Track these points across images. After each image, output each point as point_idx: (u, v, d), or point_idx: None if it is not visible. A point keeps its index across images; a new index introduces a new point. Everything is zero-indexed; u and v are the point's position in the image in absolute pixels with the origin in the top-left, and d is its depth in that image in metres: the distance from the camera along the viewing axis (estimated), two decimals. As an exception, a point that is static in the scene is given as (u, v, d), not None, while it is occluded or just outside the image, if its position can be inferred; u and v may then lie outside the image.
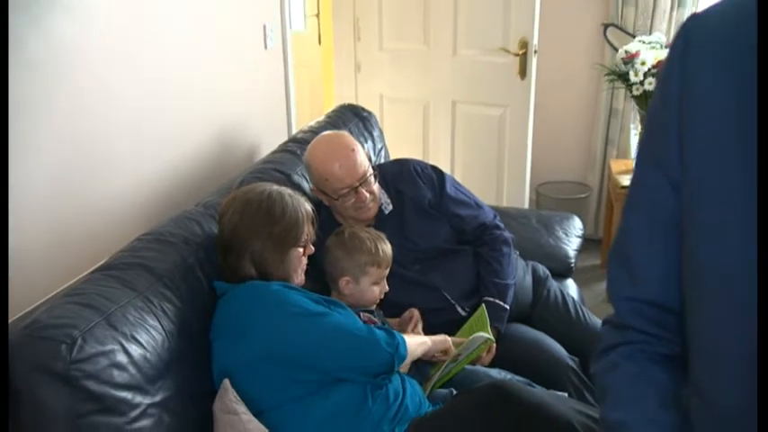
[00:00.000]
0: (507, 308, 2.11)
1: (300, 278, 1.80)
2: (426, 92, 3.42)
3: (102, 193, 1.95)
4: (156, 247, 1.73)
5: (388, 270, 1.96)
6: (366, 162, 2.10)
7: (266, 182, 1.95)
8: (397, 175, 2.25)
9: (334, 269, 1.94)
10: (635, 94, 3.08)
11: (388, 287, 1.96)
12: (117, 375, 1.44)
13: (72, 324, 1.41)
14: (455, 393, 1.86)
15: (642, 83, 3.01)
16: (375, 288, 1.93)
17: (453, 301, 2.11)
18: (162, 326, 1.58)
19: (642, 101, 3.07)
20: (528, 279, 2.33)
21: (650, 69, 2.98)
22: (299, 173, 2.27)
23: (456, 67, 3.30)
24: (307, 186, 2.22)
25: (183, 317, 1.64)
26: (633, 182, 0.87)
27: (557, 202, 3.63)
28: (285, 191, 1.82)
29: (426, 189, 2.24)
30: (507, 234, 2.25)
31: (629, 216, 0.88)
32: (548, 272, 2.40)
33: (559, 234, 2.67)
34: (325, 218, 2.09)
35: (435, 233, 2.19)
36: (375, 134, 2.73)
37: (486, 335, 1.92)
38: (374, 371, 1.66)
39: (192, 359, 1.64)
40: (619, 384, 0.87)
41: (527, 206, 3.41)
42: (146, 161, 2.11)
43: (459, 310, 2.10)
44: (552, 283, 2.35)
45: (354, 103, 2.90)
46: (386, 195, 2.19)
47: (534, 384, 1.86)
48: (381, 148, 2.76)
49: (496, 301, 2.10)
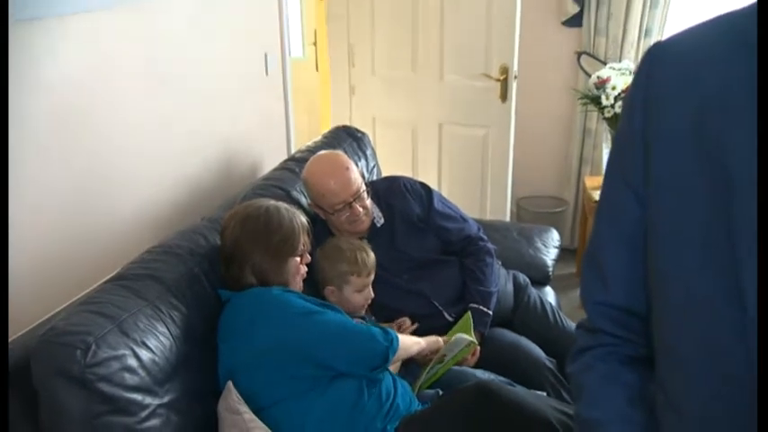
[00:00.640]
0: (490, 313, 2.11)
1: (299, 286, 1.81)
2: (415, 114, 3.43)
3: (115, 210, 1.95)
4: (165, 258, 1.73)
5: (372, 278, 1.95)
6: (359, 179, 2.10)
7: (266, 198, 1.96)
8: (389, 191, 2.26)
9: (320, 279, 1.94)
10: (606, 116, 3.10)
11: (373, 294, 1.96)
12: (128, 378, 1.43)
13: (87, 331, 1.41)
14: (442, 393, 1.86)
15: (613, 106, 3.02)
16: (358, 296, 1.93)
17: (441, 308, 2.11)
18: (170, 332, 1.58)
19: (613, 122, 3.08)
20: (509, 286, 2.33)
21: (620, 93, 2.99)
22: (297, 189, 2.27)
23: (442, 92, 3.32)
24: (305, 202, 2.22)
25: (190, 323, 1.64)
26: (602, 195, 0.88)
27: (536, 215, 3.64)
28: (281, 205, 1.82)
29: (415, 204, 2.24)
30: (490, 245, 2.26)
31: (598, 227, 0.88)
32: (527, 280, 2.40)
33: (538, 245, 2.67)
34: (322, 231, 2.09)
35: (424, 245, 2.20)
36: (368, 153, 2.74)
37: (471, 338, 1.92)
38: (370, 363, 1.66)
39: (198, 362, 1.64)
40: (592, 384, 0.87)
41: (508, 219, 3.42)
42: (155, 179, 2.11)
43: (446, 315, 2.10)
44: (532, 291, 2.35)
45: (349, 124, 2.90)
46: (378, 210, 2.19)
47: (515, 384, 1.87)
48: (374, 166, 2.76)
49: (480, 307, 2.10)
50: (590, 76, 3.19)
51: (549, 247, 2.69)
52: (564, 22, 3.46)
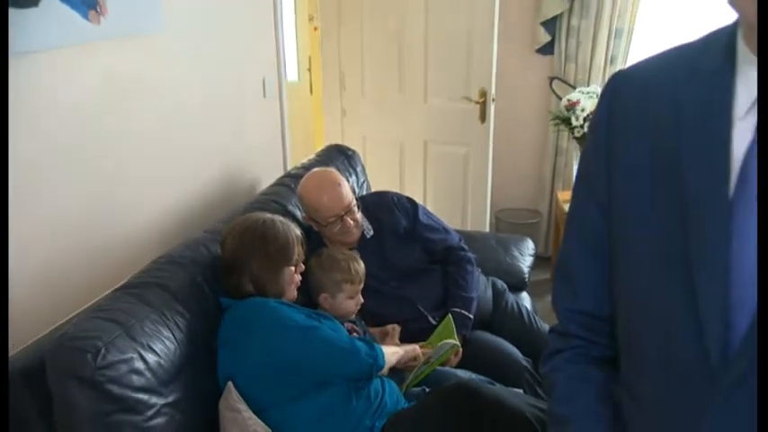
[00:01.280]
0: (471, 317, 2.11)
1: (293, 293, 1.80)
2: (402, 134, 3.44)
3: (123, 223, 1.94)
4: (169, 268, 1.73)
5: (362, 285, 1.95)
6: (350, 194, 2.11)
7: (263, 211, 1.96)
8: (377, 205, 2.26)
9: (315, 287, 1.93)
10: (576, 135, 3.12)
11: (363, 300, 1.96)
12: (135, 379, 1.43)
13: (97, 336, 1.40)
14: (427, 391, 1.85)
15: (582, 126, 3.04)
16: (350, 302, 1.93)
17: (425, 312, 2.11)
18: (174, 336, 1.57)
19: (582, 141, 3.09)
20: (489, 292, 2.34)
21: (589, 115, 3.01)
22: (293, 203, 2.27)
23: (427, 113, 3.33)
24: (300, 215, 2.22)
25: (192, 328, 1.63)
26: (570, 208, 0.88)
27: (512, 226, 3.65)
28: (277, 218, 1.82)
29: (402, 217, 2.25)
30: (471, 255, 2.27)
31: (567, 239, 0.89)
32: (505, 286, 2.41)
33: (515, 253, 2.68)
34: (316, 242, 2.10)
35: (410, 254, 2.20)
36: (358, 170, 2.74)
37: (454, 341, 1.92)
38: (355, 377, 1.66)
39: (201, 365, 1.63)
40: (562, 383, 0.88)
41: (488, 230, 3.42)
42: (160, 195, 2.11)
43: (431, 319, 2.11)
44: (509, 296, 2.36)
45: (340, 143, 2.90)
46: (367, 222, 2.20)
47: (494, 382, 1.87)
48: (364, 182, 2.76)
49: (462, 311, 2.10)
50: (561, 99, 3.21)
51: (525, 256, 2.70)
52: (537, 50, 3.48)
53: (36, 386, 1.40)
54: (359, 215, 2.12)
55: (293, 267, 1.78)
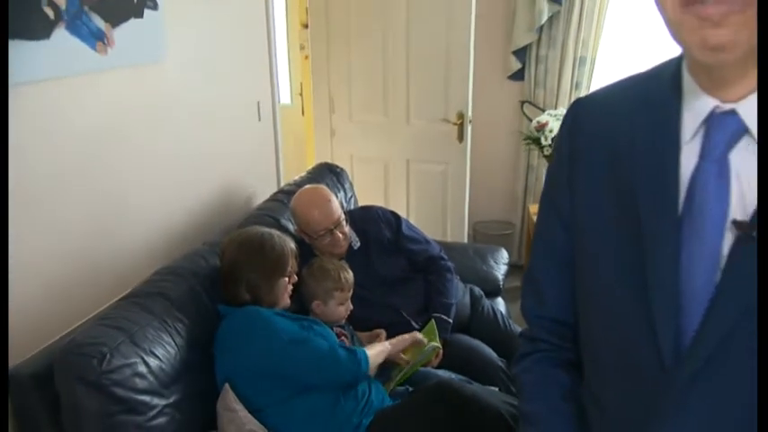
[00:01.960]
0: (451, 321, 2.12)
1: (287, 302, 1.79)
2: (386, 152, 3.45)
3: (127, 237, 1.93)
4: (171, 278, 1.72)
5: (351, 293, 1.95)
6: (339, 209, 2.11)
7: (259, 225, 1.95)
8: (364, 219, 2.26)
9: (308, 294, 1.93)
10: (545, 154, 3.15)
11: (352, 306, 1.96)
12: (138, 382, 1.42)
13: (102, 342, 1.40)
14: (411, 390, 1.85)
15: (550, 146, 3.06)
16: (341, 308, 1.92)
17: (409, 318, 2.11)
18: (175, 342, 1.57)
19: (551, 159, 3.11)
20: (467, 298, 2.34)
21: (557, 135, 3.04)
22: (286, 217, 2.27)
23: (409, 134, 3.34)
24: (292, 228, 2.22)
25: (192, 334, 1.63)
26: (537, 223, 0.89)
27: (488, 237, 3.66)
28: (274, 232, 1.82)
29: (386, 229, 2.25)
30: (450, 264, 2.27)
31: (534, 250, 0.89)
32: (482, 292, 2.42)
33: (491, 262, 2.68)
34: (307, 253, 2.09)
35: (394, 264, 2.20)
36: (346, 186, 2.74)
37: (435, 344, 1.92)
38: (340, 384, 1.65)
39: (199, 368, 1.62)
40: (531, 384, 0.88)
41: (466, 240, 3.42)
42: (162, 210, 2.10)
43: (414, 324, 2.10)
44: (485, 301, 2.36)
45: (330, 161, 2.90)
46: (355, 235, 2.20)
47: (472, 381, 1.87)
48: (351, 197, 2.76)
49: (443, 316, 2.10)
50: (531, 121, 3.24)
51: (500, 264, 2.71)
52: (509, 77, 3.51)
53: (45, 389, 1.39)
54: (347, 228, 2.12)
55: (287, 278, 1.78)
